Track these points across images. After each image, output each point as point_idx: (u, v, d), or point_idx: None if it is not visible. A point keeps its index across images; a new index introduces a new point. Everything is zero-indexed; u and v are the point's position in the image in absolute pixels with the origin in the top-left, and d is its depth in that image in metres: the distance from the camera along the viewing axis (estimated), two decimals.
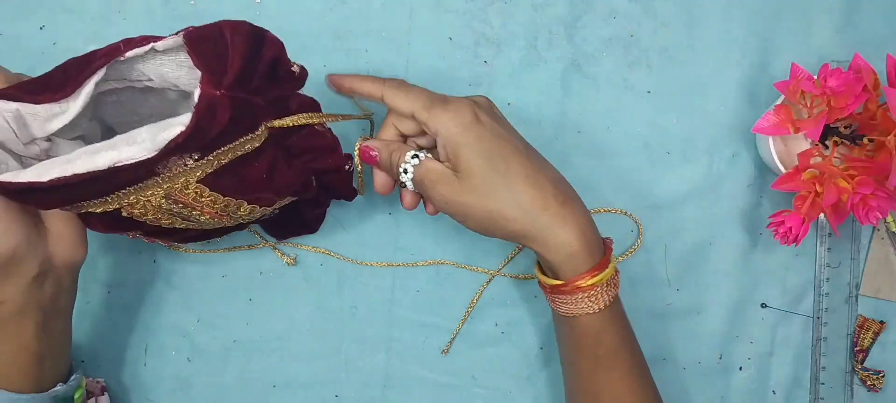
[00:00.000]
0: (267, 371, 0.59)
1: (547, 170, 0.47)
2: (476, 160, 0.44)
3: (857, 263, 0.60)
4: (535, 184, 0.45)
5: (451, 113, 0.45)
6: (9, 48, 0.58)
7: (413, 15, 0.59)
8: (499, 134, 0.45)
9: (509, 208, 0.45)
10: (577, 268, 0.46)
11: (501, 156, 0.45)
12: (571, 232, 0.45)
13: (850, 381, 0.60)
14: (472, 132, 0.44)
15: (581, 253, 0.45)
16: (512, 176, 0.45)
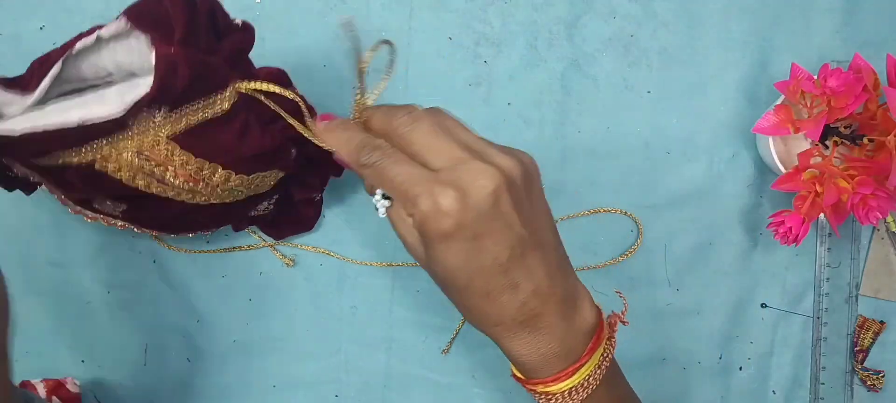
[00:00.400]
0: (267, 371, 0.59)
1: (524, 283, 0.39)
2: (438, 264, 0.38)
3: (857, 263, 0.60)
4: (493, 299, 0.38)
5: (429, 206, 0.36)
6: (9, 48, 0.58)
7: (413, 15, 0.59)
8: (474, 251, 0.37)
9: (461, 310, 0.41)
10: (530, 374, 0.41)
11: (462, 274, 0.38)
12: (525, 348, 0.40)
13: (850, 381, 0.60)
14: (447, 239, 0.36)
15: (533, 363, 0.41)
16: (468, 290, 0.38)
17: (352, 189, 0.59)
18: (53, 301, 0.59)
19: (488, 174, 0.36)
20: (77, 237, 0.59)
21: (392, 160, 0.37)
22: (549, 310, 0.40)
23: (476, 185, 0.36)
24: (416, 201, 0.36)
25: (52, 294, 0.59)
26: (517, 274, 0.38)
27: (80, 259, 0.59)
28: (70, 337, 0.59)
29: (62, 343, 0.59)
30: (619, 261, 0.59)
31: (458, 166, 0.36)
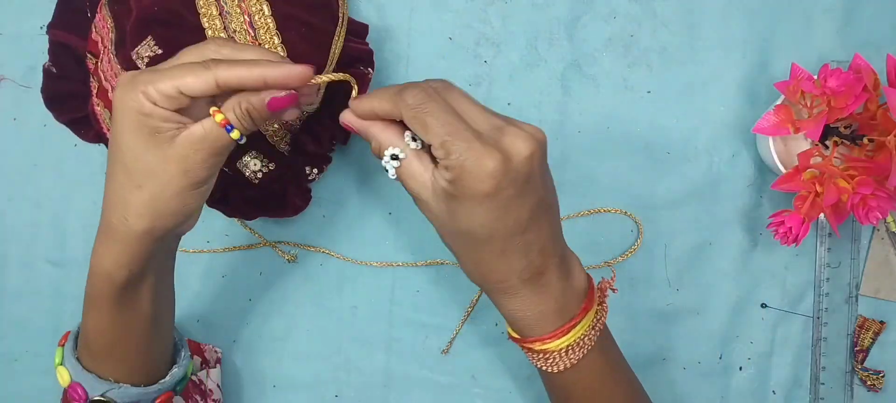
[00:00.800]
0: (267, 371, 0.59)
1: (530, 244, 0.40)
2: (462, 220, 0.39)
3: (857, 263, 0.60)
4: (506, 257, 0.40)
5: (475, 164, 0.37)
6: (9, 48, 0.58)
7: (413, 15, 0.59)
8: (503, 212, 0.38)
9: (467, 266, 0.42)
10: (527, 332, 0.43)
11: (484, 231, 0.39)
12: (525, 305, 0.42)
13: (850, 381, 0.60)
14: (485, 199, 0.38)
15: (531, 321, 0.43)
16: (486, 245, 0.40)
17: (352, 189, 0.59)
18: (53, 301, 0.59)
19: (528, 139, 0.38)
20: (77, 237, 0.59)
21: (438, 106, 0.38)
22: (550, 269, 0.42)
23: (517, 150, 0.37)
24: (461, 154, 0.37)
25: (52, 294, 0.59)
26: (531, 234, 0.40)
27: (80, 259, 0.59)
28: None
29: None
30: (619, 261, 0.59)
31: (501, 130, 0.38)
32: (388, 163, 0.40)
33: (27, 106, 0.58)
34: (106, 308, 0.43)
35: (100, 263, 0.41)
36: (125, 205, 0.39)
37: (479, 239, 0.39)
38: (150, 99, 0.37)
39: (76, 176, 0.59)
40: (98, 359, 0.45)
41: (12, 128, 0.59)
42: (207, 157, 0.39)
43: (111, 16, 0.51)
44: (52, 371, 0.59)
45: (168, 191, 0.39)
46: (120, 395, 0.45)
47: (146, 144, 0.38)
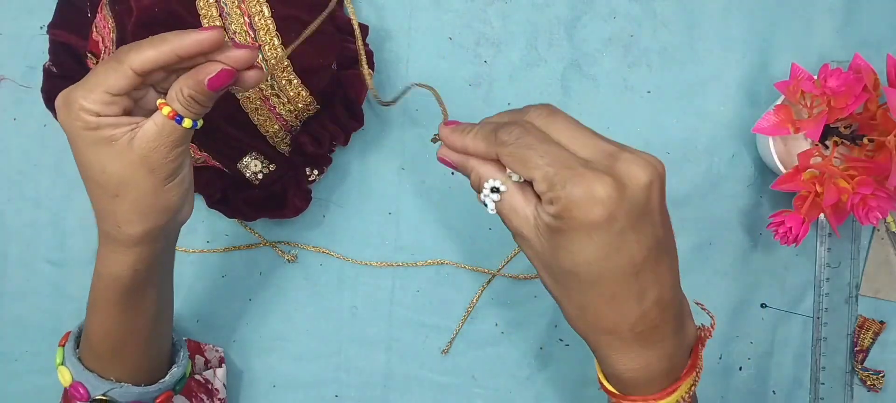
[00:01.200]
0: (267, 371, 0.59)
1: (651, 290, 0.36)
2: (566, 257, 0.35)
3: (857, 263, 0.60)
4: (616, 303, 0.36)
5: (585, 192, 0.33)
6: (9, 48, 0.58)
7: (413, 15, 0.59)
8: (616, 246, 0.34)
9: (571, 310, 0.38)
10: (629, 390, 0.39)
11: (592, 269, 0.35)
12: (634, 362, 0.38)
13: (850, 381, 0.60)
14: (594, 229, 0.34)
15: (636, 379, 0.38)
16: (593, 287, 0.36)
17: (352, 189, 0.59)
18: (53, 301, 0.59)
19: (646, 167, 0.34)
20: (77, 237, 0.59)
21: (537, 138, 0.35)
22: (666, 323, 0.37)
23: (633, 177, 0.34)
24: (566, 184, 0.33)
25: (52, 294, 0.59)
26: (647, 279, 0.36)
27: (80, 259, 0.59)
28: None
29: None
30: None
31: (613, 156, 0.35)
32: (488, 196, 0.37)
33: (27, 106, 0.58)
34: (112, 309, 0.43)
35: (106, 266, 0.42)
36: (112, 216, 0.40)
37: (587, 280, 0.36)
38: (90, 112, 0.37)
39: (76, 176, 0.58)
40: (101, 359, 0.45)
41: (12, 128, 0.59)
42: (168, 151, 0.38)
43: (112, 16, 0.51)
44: (52, 371, 0.59)
45: (144, 193, 0.39)
46: (121, 394, 0.45)
47: (107, 155, 0.38)
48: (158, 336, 0.47)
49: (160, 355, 0.48)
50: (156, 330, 0.46)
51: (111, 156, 0.38)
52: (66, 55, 0.55)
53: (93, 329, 0.44)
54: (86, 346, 0.46)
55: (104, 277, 0.42)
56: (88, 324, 0.45)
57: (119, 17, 0.50)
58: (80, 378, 0.45)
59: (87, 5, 0.54)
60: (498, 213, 0.38)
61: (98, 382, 0.45)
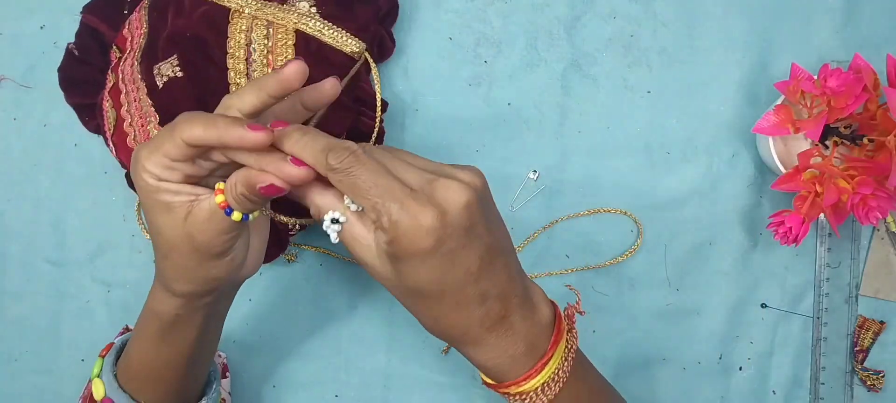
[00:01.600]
0: (267, 371, 0.59)
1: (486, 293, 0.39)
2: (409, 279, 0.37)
3: (857, 263, 0.60)
4: (462, 309, 0.39)
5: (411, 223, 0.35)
6: (9, 48, 0.58)
7: (413, 15, 0.59)
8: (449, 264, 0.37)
9: (426, 322, 0.41)
10: (501, 378, 0.42)
11: (434, 286, 0.38)
12: (492, 353, 0.41)
13: (850, 381, 0.60)
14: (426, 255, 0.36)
15: (502, 367, 0.41)
16: (439, 300, 0.39)
17: None
18: (53, 301, 0.59)
19: (461, 189, 0.36)
20: (77, 237, 0.59)
21: (368, 167, 0.36)
22: (512, 311, 0.40)
23: (452, 201, 0.36)
24: (393, 215, 0.35)
25: (52, 294, 0.59)
26: (485, 282, 0.39)
27: (79, 259, 0.59)
28: (70, 337, 0.59)
29: (62, 342, 0.59)
30: (619, 261, 0.59)
31: (432, 183, 0.36)
32: (329, 228, 0.38)
33: (27, 106, 0.58)
34: (151, 340, 0.44)
35: (152, 301, 0.43)
36: (161, 269, 0.41)
37: (431, 295, 0.38)
38: (151, 174, 0.37)
39: (76, 175, 0.59)
40: (135, 382, 0.46)
41: (12, 128, 0.59)
42: (216, 236, 0.38)
43: (148, 21, 0.51)
44: (51, 371, 0.59)
45: (190, 263, 0.39)
46: None
47: (162, 218, 0.38)
48: (194, 370, 0.47)
49: (194, 386, 0.49)
50: (192, 365, 0.46)
51: (166, 220, 0.38)
52: (93, 41, 0.55)
53: (132, 351, 0.45)
54: (124, 365, 0.46)
55: (149, 310, 0.43)
56: (129, 346, 0.46)
57: (154, 24, 0.51)
58: (113, 395, 0.45)
59: (127, 2, 0.54)
60: (341, 242, 0.39)
61: (128, 402, 0.45)
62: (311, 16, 0.49)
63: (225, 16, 0.50)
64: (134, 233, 0.59)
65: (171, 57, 0.49)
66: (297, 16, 0.49)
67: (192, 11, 0.50)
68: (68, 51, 0.56)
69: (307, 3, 0.50)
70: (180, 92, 0.48)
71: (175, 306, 0.42)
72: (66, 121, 0.58)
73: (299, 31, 0.49)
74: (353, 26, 0.50)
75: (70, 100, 0.57)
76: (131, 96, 0.51)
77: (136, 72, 0.50)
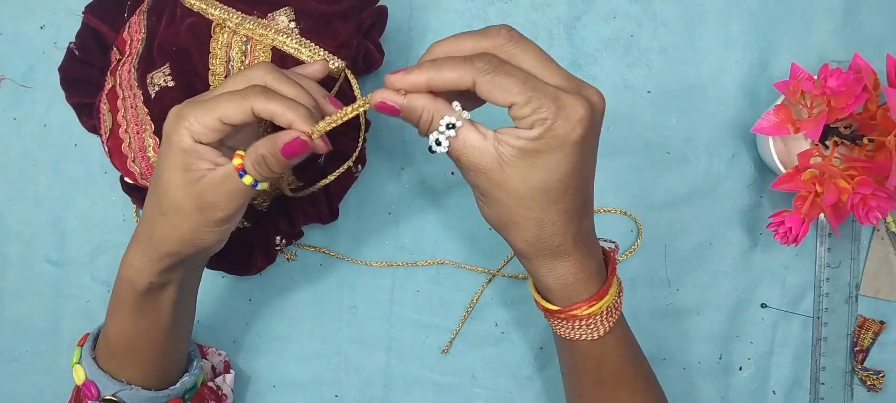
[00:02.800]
0: (267, 371, 0.59)
1: (587, 203, 0.41)
2: (539, 177, 0.38)
3: (857, 263, 0.60)
4: (571, 215, 0.40)
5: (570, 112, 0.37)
6: (9, 48, 0.58)
7: (413, 15, 0.59)
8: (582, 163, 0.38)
9: (531, 231, 0.40)
10: (573, 298, 0.43)
11: (561, 186, 0.38)
12: (576, 267, 0.42)
13: (850, 381, 0.60)
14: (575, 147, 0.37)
15: (577, 285, 0.43)
16: (555, 205, 0.39)
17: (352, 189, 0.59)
18: (53, 301, 0.59)
19: (598, 94, 0.39)
20: (77, 237, 0.59)
21: (512, 67, 0.37)
22: (593, 231, 0.43)
23: (595, 101, 0.38)
24: (549, 107, 0.36)
25: (52, 294, 0.59)
26: (590, 191, 0.42)
27: (79, 259, 0.59)
28: (70, 337, 0.59)
29: (62, 342, 0.59)
30: (619, 261, 0.59)
31: (577, 83, 0.38)
32: (444, 133, 0.38)
33: (27, 106, 0.58)
34: (126, 312, 0.44)
35: (125, 269, 0.44)
36: (152, 226, 0.42)
37: (554, 195, 0.39)
38: (194, 135, 0.39)
39: (76, 175, 0.59)
40: (115, 360, 0.46)
41: (12, 127, 0.59)
42: (222, 198, 0.40)
43: (146, 25, 0.51)
44: (51, 371, 0.59)
45: (187, 224, 0.41)
46: (130, 397, 0.46)
47: (177, 177, 0.40)
48: (172, 345, 0.48)
49: (174, 363, 0.49)
50: (170, 339, 0.47)
51: (180, 178, 0.40)
52: (94, 41, 0.55)
53: (109, 329, 0.46)
54: (102, 346, 0.47)
55: (123, 279, 0.44)
56: (106, 324, 0.46)
57: (151, 29, 0.51)
58: (94, 377, 0.46)
59: (127, 4, 0.55)
60: (450, 152, 0.39)
61: (109, 382, 0.46)
62: (289, 33, 0.49)
63: (208, 29, 0.50)
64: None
65: (163, 66, 0.49)
66: (274, 33, 0.49)
67: (181, 22, 0.50)
68: (69, 50, 0.56)
69: (286, 19, 0.49)
70: (171, 102, 0.48)
71: (150, 273, 0.43)
72: (66, 121, 0.58)
73: (276, 49, 0.49)
74: (333, 43, 0.49)
75: (70, 99, 0.57)
76: (128, 102, 0.51)
77: (132, 78, 0.51)
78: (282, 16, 0.50)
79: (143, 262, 0.43)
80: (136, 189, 0.53)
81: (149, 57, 0.50)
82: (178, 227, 0.41)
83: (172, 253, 0.42)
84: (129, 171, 0.51)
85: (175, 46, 0.49)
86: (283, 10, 0.49)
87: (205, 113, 0.38)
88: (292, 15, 0.49)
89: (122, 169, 0.52)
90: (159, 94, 0.49)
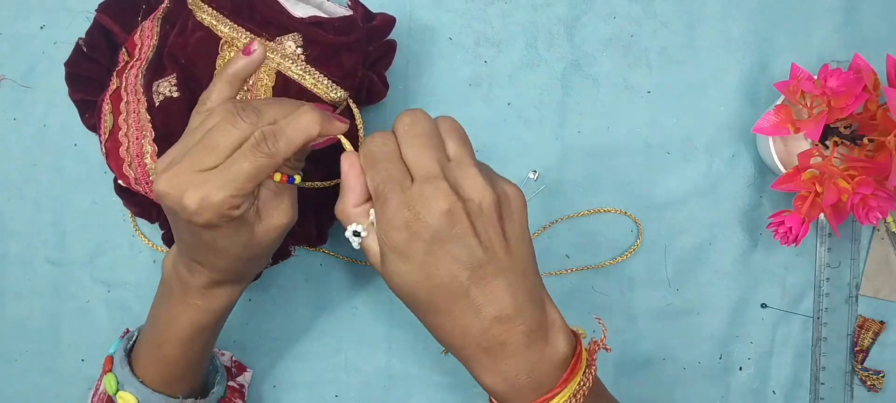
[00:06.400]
0: (267, 371, 0.59)
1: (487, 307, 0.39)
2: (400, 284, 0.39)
3: (857, 263, 0.60)
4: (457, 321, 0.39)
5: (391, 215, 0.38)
6: (9, 48, 0.58)
7: (413, 15, 0.59)
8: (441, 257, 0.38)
9: (430, 331, 0.41)
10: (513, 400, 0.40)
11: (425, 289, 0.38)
12: (492, 376, 0.40)
13: (850, 381, 0.60)
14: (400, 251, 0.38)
15: (506, 395, 0.40)
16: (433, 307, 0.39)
17: None
18: (53, 301, 0.59)
19: (444, 196, 0.37)
20: (77, 237, 0.59)
21: (385, 154, 0.39)
22: (515, 340, 0.39)
23: (431, 205, 0.37)
24: (383, 206, 0.38)
25: (52, 294, 0.59)
26: (478, 296, 0.38)
27: (80, 259, 0.59)
28: (70, 337, 0.59)
29: (62, 342, 0.59)
30: (619, 261, 0.59)
31: (426, 181, 0.38)
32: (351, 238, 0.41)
33: (27, 106, 0.58)
34: (205, 339, 0.47)
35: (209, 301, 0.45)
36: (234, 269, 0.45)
37: (425, 300, 0.39)
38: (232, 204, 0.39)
39: (76, 175, 0.59)
40: (173, 384, 0.48)
41: (12, 127, 0.59)
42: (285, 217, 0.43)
43: (159, 32, 0.51)
44: (51, 371, 0.59)
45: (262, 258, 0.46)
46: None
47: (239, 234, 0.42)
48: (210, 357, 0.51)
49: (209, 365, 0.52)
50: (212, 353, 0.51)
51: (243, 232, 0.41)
52: (104, 40, 0.55)
53: (176, 356, 0.47)
54: (157, 372, 0.47)
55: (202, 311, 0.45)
56: (170, 352, 0.46)
57: (164, 36, 0.51)
58: (148, 401, 0.47)
59: (143, 8, 0.54)
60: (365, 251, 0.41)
61: (167, 401, 0.47)
62: (295, 58, 0.49)
63: (216, 46, 0.50)
64: (134, 233, 0.59)
65: (170, 75, 0.50)
66: (281, 57, 0.49)
67: (191, 34, 0.50)
68: (77, 46, 0.56)
69: (293, 44, 0.49)
70: (175, 113, 0.49)
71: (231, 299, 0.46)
72: (66, 121, 0.58)
73: (280, 73, 0.49)
74: (338, 73, 0.49)
75: (73, 95, 0.57)
76: (131, 107, 0.51)
77: (139, 83, 0.51)
78: (290, 41, 0.49)
79: (226, 295, 0.45)
80: (129, 192, 0.53)
81: (158, 63, 0.50)
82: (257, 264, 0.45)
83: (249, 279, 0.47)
84: (123, 174, 0.51)
85: (183, 58, 0.49)
86: (291, 35, 0.49)
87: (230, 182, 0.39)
88: (300, 41, 0.49)
89: (117, 171, 0.52)
90: (163, 104, 0.49)
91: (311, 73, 0.49)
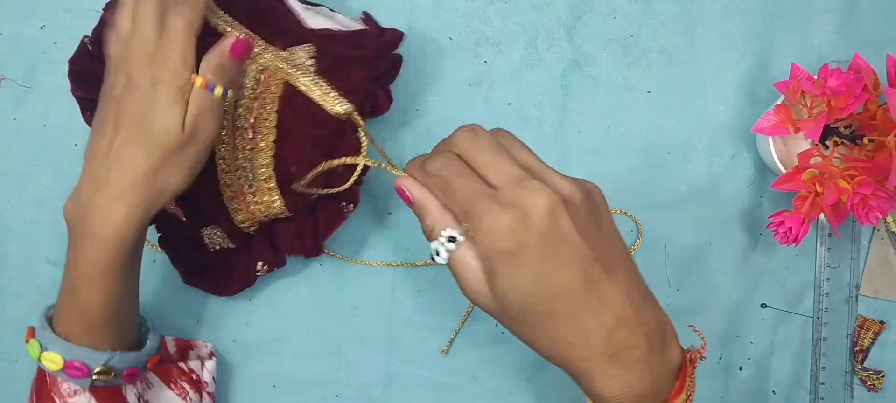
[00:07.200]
0: (267, 371, 0.59)
1: (606, 310, 0.37)
2: (515, 296, 0.36)
3: (857, 263, 0.60)
4: (580, 329, 0.37)
5: (491, 224, 0.35)
6: (9, 48, 0.58)
7: (413, 15, 0.59)
8: (554, 260, 0.36)
9: (544, 346, 0.38)
10: None
11: (544, 297, 0.36)
12: (616, 386, 0.37)
13: (850, 381, 0.60)
14: (513, 259, 0.35)
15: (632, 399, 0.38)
16: (552, 317, 0.37)
17: None
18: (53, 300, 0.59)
19: (544, 193, 0.35)
20: None
21: (455, 171, 0.37)
22: (640, 343, 0.37)
23: (533, 204, 0.35)
24: (479, 219, 0.35)
25: (52, 294, 0.59)
26: (595, 300, 0.37)
27: None
28: None
29: None
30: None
31: (519, 184, 0.36)
32: (442, 244, 0.37)
33: (27, 106, 0.58)
34: (113, 275, 0.43)
35: (106, 229, 0.42)
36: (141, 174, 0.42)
37: (542, 310, 0.36)
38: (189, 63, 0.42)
39: (76, 175, 0.58)
40: (96, 332, 0.44)
41: (12, 127, 0.59)
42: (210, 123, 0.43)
43: None
44: None
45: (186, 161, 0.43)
46: (120, 361, 0.45)
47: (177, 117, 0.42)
48: (138, 301, 0.48)
49: (137, 320, 0.49)
50: (137, 294, 0.47)
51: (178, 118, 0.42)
52: None
53: (89, 298, 0.43)
54: (75, 321, 0.44)
55: (104, 241, 0.42)
56: (83, 295, 0.43)
57: None
58: (73, 356, 0.43)
59: None
60: (449, 265, 0.38)
61: (95, 355, 0.44)
62: (306, 70, 0.49)
63: None
64: None
65: None
66: (291, 67, 0.49)
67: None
68: (82, 44, 0.56)
69: (305, 55, 0.49)
70: None
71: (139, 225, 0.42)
72: (66, 121, 0.58)
73: (288, 84, 0.49)
74: (346, 86, 0.49)
75: (75, 92, 0.57)
76: None
77: None
78: (302, 51, 0.50)
79: (131, 215, 0.41)
80: None
81: None
82: (178, 169, 0.42)
83: (165, 197, 0.42)
84: None
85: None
86: (304, 46, 0.49)
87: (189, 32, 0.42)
88: (314, 52, 0.49)
89: None
90: None
91: (319, 84, 0.49)
